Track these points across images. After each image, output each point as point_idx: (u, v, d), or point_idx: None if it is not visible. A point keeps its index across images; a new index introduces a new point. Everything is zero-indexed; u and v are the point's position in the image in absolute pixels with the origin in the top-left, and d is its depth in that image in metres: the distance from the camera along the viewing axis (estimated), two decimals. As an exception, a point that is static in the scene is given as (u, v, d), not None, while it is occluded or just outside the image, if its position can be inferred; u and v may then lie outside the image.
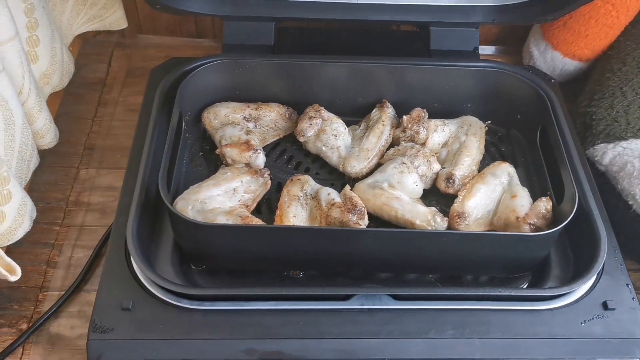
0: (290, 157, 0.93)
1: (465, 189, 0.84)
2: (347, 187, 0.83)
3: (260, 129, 0.93)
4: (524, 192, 0.83)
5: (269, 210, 0.85)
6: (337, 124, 0.91)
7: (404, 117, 0.91)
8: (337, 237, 0.74)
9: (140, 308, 0.70)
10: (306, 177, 0.85)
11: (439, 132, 0.92)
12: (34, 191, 0.95)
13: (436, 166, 0.88)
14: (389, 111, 0.93)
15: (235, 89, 0.94)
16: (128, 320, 0.69)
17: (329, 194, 0.81)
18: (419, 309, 0.71)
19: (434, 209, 0.82)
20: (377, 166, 0.89)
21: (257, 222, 0.78)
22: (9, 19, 0.81)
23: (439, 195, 0.87)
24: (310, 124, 0.90)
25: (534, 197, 0.82)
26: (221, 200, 0.81)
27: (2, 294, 0.84)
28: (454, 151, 0.90)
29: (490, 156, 0.93)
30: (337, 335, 0.69)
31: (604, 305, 0.72)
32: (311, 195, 0.83)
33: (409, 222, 0.80)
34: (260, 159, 0.87)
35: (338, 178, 0.90)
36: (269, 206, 0.85)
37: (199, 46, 1.20)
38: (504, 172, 0.86)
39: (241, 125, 0.91)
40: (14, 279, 0.76)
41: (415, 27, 1.07)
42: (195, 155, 0.91)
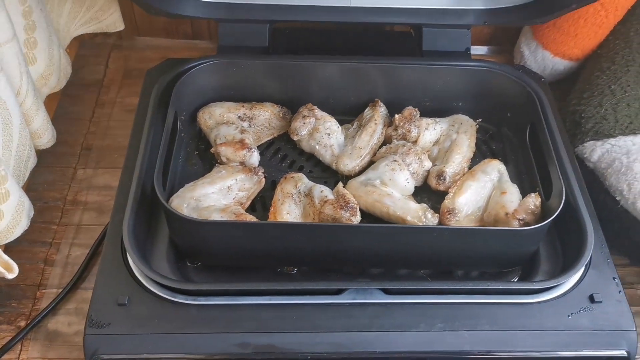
0: (285, 156, 0.94)
1: (456, 186, 0.85)
2: (340, 185, 0.84)
3: (254, 128, 0.94)
4: (513, 189, 0.84)
5: (263, 208, 0.86)
6: (330, 122, 0.92)
7: (396, 116, 0.92)
8: (329, 232, 0.75)
9: (136, 303, 0.71)
10: (300, 175, 0.86)
11: (430, 131, 0.94)
12: (31, 191, 0.96)
13: (427, 164, 0.89)
14: (381, 110, 0.95)
15: (230, 89, 0.96)
16: (124, 316, 0.70)
17: (322, 192, 0.82)
18: (409, 302, 0.72)
19: (425, 205, 0.83)
20: (369, 164, 0.90)
21: (251, 219, 0.79)
22: (7, 21, 0.83)
23: (430, 192, 0.88)
24: (304, 122, 0.92)
25: (524, 193, 0.83)
26: (216, 198, 0.82)
27: (0, 291, 0.85)
28: (445, 149, 0.91)
29: (481, 154, 0.94)
30: (329, 329, 0.70)
31: (591, 299, 0.73)
32: (304, 192, 0.84)
33: (400, 219, 0.81)
34: (255, 158, 0.88)
35: (331, 176, 0.91)
36: (263, 204, 0.86)
37: (195, 47, 1.21)
38: (494, 169, 0.87)
39: (236, 124, 0.92)
40: (11, 276, 0.77)
41: (410, 28, 1.08)
42: (191, 154, 0.92)
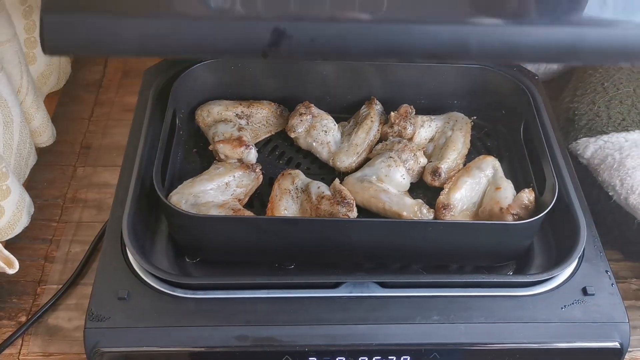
0: (282, 153, 0.95)
1: (451, 182, 0.86)
2: (337, 181, 0.85)
3: (252, 125, 0.95)
4: (507, 185, 0.85)
5: (260, 204, 0.87)
6: (327, 120, 0.94)
7: (392, 113, 0.93)
8: (326, 227, 0.76)
9: (135, 297, 0.72)
10: (297, 171, 0.87)
11: (425, 128, 0.95)
12: (32, 189, 0.96)
13: (423, 160, 0.90)
14: (377, 108, 0.96)
15: (228, 87, 0.97)
16: (124, 309, 0.71)
17: (319, 188, 0.83)
18: (405, 296, 0.73)
19: (420, 201, 0.84)
20: (365, 161, 0.91)
21: (249, 215, 0.80)
22: (7, 20, 0.84)
23: (425, 188, 0.89)
24: (301, 120, 0.93)
25: (518, 189, 0.84)
26: (214, 194, 0.83)
27: (1, 287, 0.86)
28: (440, 146, 0.93)
29: (477, 150, 0.95)
30: (326, 322, 0.71)
31: (584, 291, 0.74)
32: (302, 189, 0.85)
33: (396, 214, 0.82)
34: (252, 155, 0.89)
35: (328, 173, 0.92)
36: (260, 200, 0.87)
37: (193, 48, 1.22)
38: (489, 166, 0.88)
39: (234, 122, 0.93)
40: (12, 271, 0.78)
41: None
42: (189, 152, 0.93)
